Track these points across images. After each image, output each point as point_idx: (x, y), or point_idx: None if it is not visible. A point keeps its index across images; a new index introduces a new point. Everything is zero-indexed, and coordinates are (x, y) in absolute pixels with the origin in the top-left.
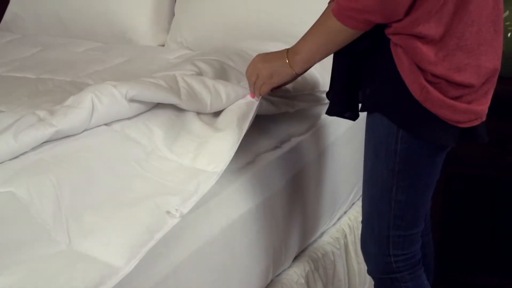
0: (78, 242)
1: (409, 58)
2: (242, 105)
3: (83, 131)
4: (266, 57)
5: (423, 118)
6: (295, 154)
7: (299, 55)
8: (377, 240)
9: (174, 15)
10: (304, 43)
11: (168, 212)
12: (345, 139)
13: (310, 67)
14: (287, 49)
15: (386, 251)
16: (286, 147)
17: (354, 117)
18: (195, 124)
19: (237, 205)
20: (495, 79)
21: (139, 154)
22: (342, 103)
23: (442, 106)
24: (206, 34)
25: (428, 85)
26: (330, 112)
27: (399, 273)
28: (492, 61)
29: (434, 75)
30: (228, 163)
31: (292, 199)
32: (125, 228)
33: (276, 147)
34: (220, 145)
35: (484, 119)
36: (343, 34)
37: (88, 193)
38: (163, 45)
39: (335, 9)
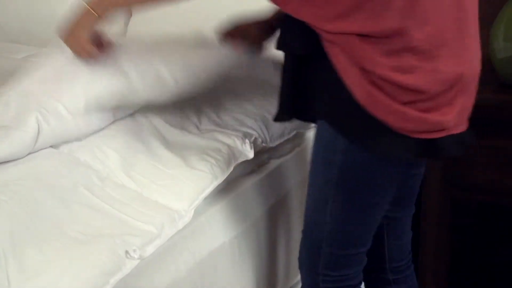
0: (20, 286)
1: (349, 58)
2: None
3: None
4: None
5: (370, 126)
6: (274, 179)
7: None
8: (309, 253)
9: (131, 15)
10: None
11: (126, 252)
12: None
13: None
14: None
15: (316, 268)
16: (264, 171)
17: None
18: (161, 151)
19: (207, 240)
20: (465, 87)
21: (91, 181)
22: (289, 107)
23: (389, 111)
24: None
25: (373, 88)
26: (277, 118)
27: None
28: (454, 66)
29: (378, 76)
30: (196, 206)
31: (273, 232)
32: (75, 269)
33: (252, 171)
34: (191, 184)
35: (453, 131)
36: None
37: (32, 228)
38: None
39: None
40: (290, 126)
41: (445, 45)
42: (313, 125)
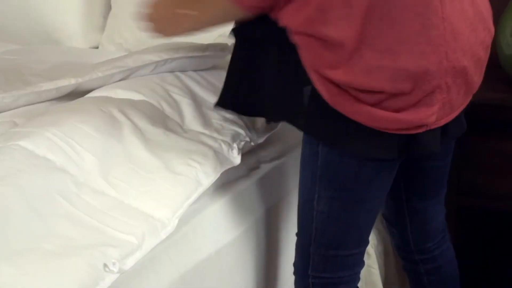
0: None
1: (311, 62)
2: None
3: None
4: None
5: (342, 126)
6: (266, 185)
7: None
8: (300, 255)
9: (110, 8)
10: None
11: (105, 266)
12: None
13: None
14: None
15: (306, 269)
16: (255, 175)
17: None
18: (142, 153)
19: (193, 251)
20: (442, 82)
21: (67, 187)
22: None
23: (356, 112)
24: None
25: (336, 88)
26: (219, 104)
27: None
28: (417, 62)
29: (340, 82)
30: (181, 215)
31: (264, 242)
32: (51, 284)
33: (242, 176)
34: (174, 191)
35: (431, 127)
36: (234, 14)
37: (3, 239)
38: (97, 47)
39: None
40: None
41: (407, 41)
42: None
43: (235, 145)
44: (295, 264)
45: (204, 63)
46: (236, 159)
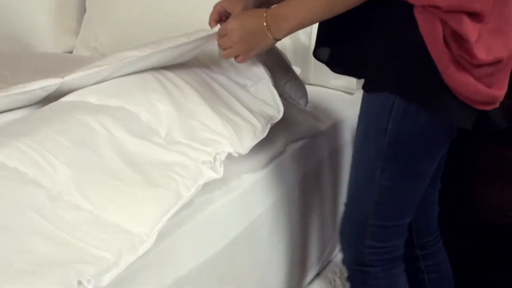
0: None
1: (448, 31)
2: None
3: None
4: (243, 25)
5: (438, 91)
6: (248, 197)
7: (287, 22)
8: (354, 227)
9: (85, 11)
10: (296, 8)
11: (79, 283)
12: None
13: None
14: (266, 14)
15: (362, 240)
16: (238, 188)
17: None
18: (120, 165)
19: (173, 267)
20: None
21: (40, 201)
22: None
23: (464, 83)
24: (130, 35)
25: (455, 62)
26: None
27: (371, 267)
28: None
29: (469, 54)
30: (160, 229)
31: (248, 258)
32: None
33: (223, 189)
34: (153, 205)
35: (497, 105)
36: (349, 2)
37: None
38: (71, 52)
39: None
40: (260, 126)
41: (509, 23)
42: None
43: (217, 157)
44: (343, 234)
45: (190, 51)
46: (219, 171)
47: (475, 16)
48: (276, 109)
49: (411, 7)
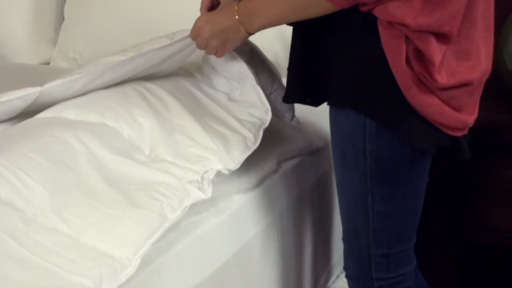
0: None
1: (410, 49)
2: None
3: None
4: (212, 21)
5: (405, 113)
6: (238, 221)
7: (258, 18)
8: (357, 260)
9: (63, 19)
10: (267, 4)
11: None
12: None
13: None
14: (237, 8)
15: (368, 273)
16: (227, 210)
17: (315, 102)
18: (100, 185)
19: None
20: (482, 85)
21: (15, 225)
22: (301, 85)
23: (429, 105)
24: (112, 44)
25: (417, 82)
26: (286, 98)
27: None
28: (485, 62)
29: (433, 78)
30: (143, 254)
31: (234, 285)
32: None
33: (211, 210)
34: (136, 228)
35: (466, 132)
36: (324, 7)
37: None
38: (49, 63)
39: None
40: (251, 135)
41: (479, 43)
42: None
43: (205, 176)
44: (348, 269)
45: (174, 53)
46: (207, 191)
47: (442, 37)
48: (263, 110)
49: (375, 18)
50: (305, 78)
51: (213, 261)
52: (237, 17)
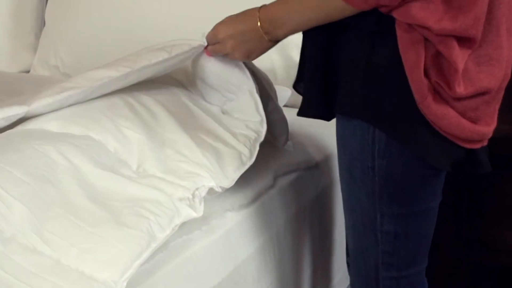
0: None
1: (429, 55)
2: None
3: None
4: (236, 33)
5: (418, 127)
6: (232, 239)
7: (282, 29)
8: (364, 284)
9: (44, 24)
10: (289, 13)
11: None
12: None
13: None
14: (259, 16)
15: None
16: (219, 229)
17: (328, 116)
18: (83, 202)
19: None
20: (501, 94)
21: None
22: (319, 99)
23: (445, 117)
24: (95, 50)
25: (433, 93)
26: (304, 112)
27: None
28: (505, 69)
29: (452, 88)
30: (130, 277)
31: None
32: None
33: (203, 229)
34: (122, 248)
35: (485, 143)
36: (346, 12)
37: None
38: (28, 71)
39: None
40: (247, 151)
41: (502, 47)
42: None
43: (197, 193)
44: None
45: (170, 66)
46: (198, 209)
47: (465, 41)
48: (258, 121)
49: (392, 20)
50: (323, 89)
51: (205, 283)
52: (259, 25)
